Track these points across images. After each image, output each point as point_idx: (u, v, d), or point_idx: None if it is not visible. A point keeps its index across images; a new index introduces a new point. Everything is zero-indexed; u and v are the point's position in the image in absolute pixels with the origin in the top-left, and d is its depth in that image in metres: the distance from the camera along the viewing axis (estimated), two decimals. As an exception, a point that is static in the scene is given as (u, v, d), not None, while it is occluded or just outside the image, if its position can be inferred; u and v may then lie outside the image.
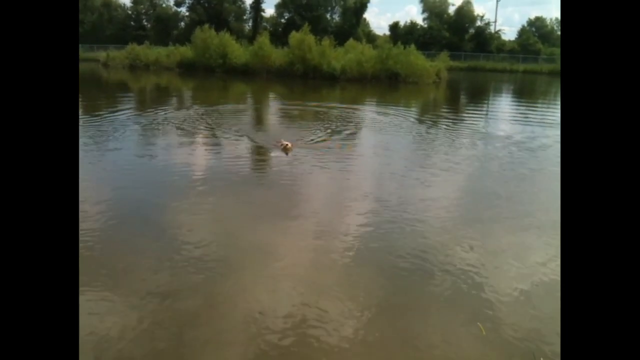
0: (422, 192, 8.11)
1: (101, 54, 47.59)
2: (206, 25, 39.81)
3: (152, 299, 4.39)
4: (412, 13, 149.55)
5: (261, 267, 5.16)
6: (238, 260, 5.30)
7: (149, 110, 17.75)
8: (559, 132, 15.51)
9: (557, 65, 53.38)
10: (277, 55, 37.34)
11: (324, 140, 12.34)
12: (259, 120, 16.93)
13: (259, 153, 11.13)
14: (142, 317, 4.09)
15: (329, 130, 13.69)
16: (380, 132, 14.51)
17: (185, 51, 41.26)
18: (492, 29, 66.76)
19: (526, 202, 7.71)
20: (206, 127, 13.94)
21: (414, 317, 4.33)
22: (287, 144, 10.60)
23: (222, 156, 10.63)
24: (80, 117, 15.37)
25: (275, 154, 10.47)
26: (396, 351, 3.84)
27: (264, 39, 37.80)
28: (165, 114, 16.53)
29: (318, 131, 13.51)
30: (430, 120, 17.15)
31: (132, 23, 68.18)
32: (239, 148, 11.38)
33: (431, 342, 3.94)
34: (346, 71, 34.37)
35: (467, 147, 12.24)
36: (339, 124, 15.12)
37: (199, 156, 10.71)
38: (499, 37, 67.60)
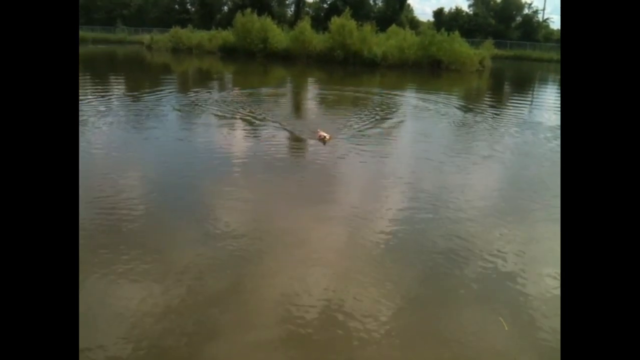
0: (460, 179, 7.88)
1: (145, 37, 48.33)
2: (248, 10, 39.80)
3: (182, 279, 4.38)
4: (459, 1, 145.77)
5: (293, 251, 5.11)
6: (270, 244, 5.25)
7: (189, 92, 17.90)
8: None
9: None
10: (318, 41, 37.05)
11: (363, 129, 12.07)
12: (297, 106, 16.81)
13: (296, 141, 10.83)
14: (171, 297, 4.08)
15: (369, 119, 13.40)
16: (421, 119, 14.26)
17: (227, 35, 41.44)
18: (540, 17, 64.78)
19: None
20: (244, 111, 13.88)
21: (443, 309, 4.19)
22: (325, 136, 10.19)
23: (258, 141, 10.53)
24: (123, 96, 15.67)
25: (313, 143, 10.17)
26: (421, 343, 3.73)
27: (305, 24, 37.57)
28: (206, 96, 16.63)
29: (357, 119, 13.22)
30: (473, 108, 16.71)
31: (176, 7, 69.00)
32: (276, 134, 11.14)
33: (457, 335, 3.80)
34: (387, 57, 33.88)
35: (510, 135, 11.91)
36: (379, 110, 14.85)
37: (234, 140, 10.69)
38: (547, 25, 65.51)
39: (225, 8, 67.50)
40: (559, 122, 14.09)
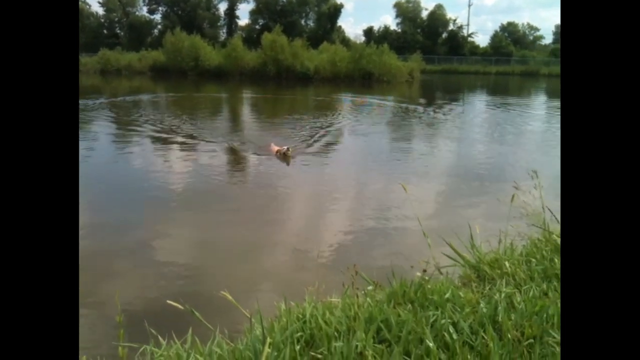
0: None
1: (71, 61, 46.66)
2: (177, 29, 39.41)
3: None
4: (388, 22, 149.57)
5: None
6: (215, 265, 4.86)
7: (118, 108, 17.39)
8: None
9: (528, 67, 54.16)
10: (250, 57, 37.15)
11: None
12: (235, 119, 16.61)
13: (240, 158, 9.90)
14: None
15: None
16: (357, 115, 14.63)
17: (157, 55, 40.79)
18: (464, 32, 67.53)
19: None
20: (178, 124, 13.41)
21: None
22: (285, 149, 8.57)
23: (199, 162, 9.38)
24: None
25: (266, 162, 8.90)
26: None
27: (236, 41, 37.67)
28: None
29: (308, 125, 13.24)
30: (411, 107, 17.22)
31: (104, 31, 67.27)
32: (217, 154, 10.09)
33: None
34: (319, 71, 34.39)
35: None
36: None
37: (174, 160, 9.66)
38: (473, 41, 68.28)
39: (156, 31, 66.53)
40: (487, 115, 14.85)
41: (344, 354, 2.03)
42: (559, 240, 3.50)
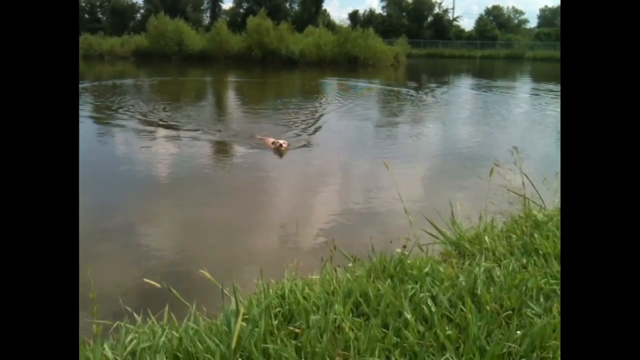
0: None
1: (51, 46, 45.89)
2: (160, 13, 38.82)
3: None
4: (373, 6, 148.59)
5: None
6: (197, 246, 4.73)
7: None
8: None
9: (513, 50, 54.36)
10: (235, 41, 36.73)
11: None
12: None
13: (224, 143, 9.46)
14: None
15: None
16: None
17: (140, 40, 40.11)
18: (450, 16, 67.36)
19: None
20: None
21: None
22: (281, 143, 8.12)
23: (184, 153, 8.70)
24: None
25: (251, 147, 8.61)
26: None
27: (221, 25, 37.22)
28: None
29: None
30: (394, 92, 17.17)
31: (86, 16, 66.05)
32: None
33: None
34: (305, 55, 34.19)
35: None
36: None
37: (157, 144, 9.42)
38: (458, 25, 68.19)
39: (138, 15, 65.47)
40: (473, 98, 14.89)
41: (322, 327, 2.01)
42: (539, 215, 3.52)
